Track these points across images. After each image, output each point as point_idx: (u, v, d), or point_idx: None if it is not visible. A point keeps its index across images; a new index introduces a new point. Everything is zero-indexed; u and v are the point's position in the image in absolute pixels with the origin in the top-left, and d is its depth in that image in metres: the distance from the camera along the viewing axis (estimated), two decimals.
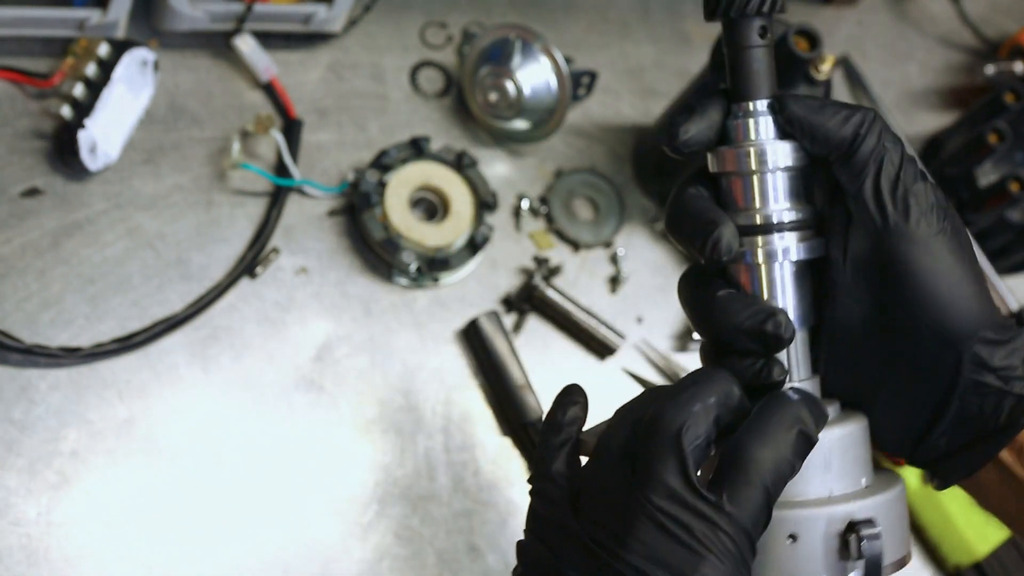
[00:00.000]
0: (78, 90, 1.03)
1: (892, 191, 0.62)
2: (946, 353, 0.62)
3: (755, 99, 0.64)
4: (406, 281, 1.10)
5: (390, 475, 1.03)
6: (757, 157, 0.63)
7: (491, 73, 1.16)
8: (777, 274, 0.64)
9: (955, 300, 0.62)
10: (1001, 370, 0.62)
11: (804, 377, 0.65)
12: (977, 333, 0.62)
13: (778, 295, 0.64)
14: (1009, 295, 1.26)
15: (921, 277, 0.62)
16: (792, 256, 0.63)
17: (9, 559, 0.91)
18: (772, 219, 0.63)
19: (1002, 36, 1.47)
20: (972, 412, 0.63)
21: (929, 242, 0.62)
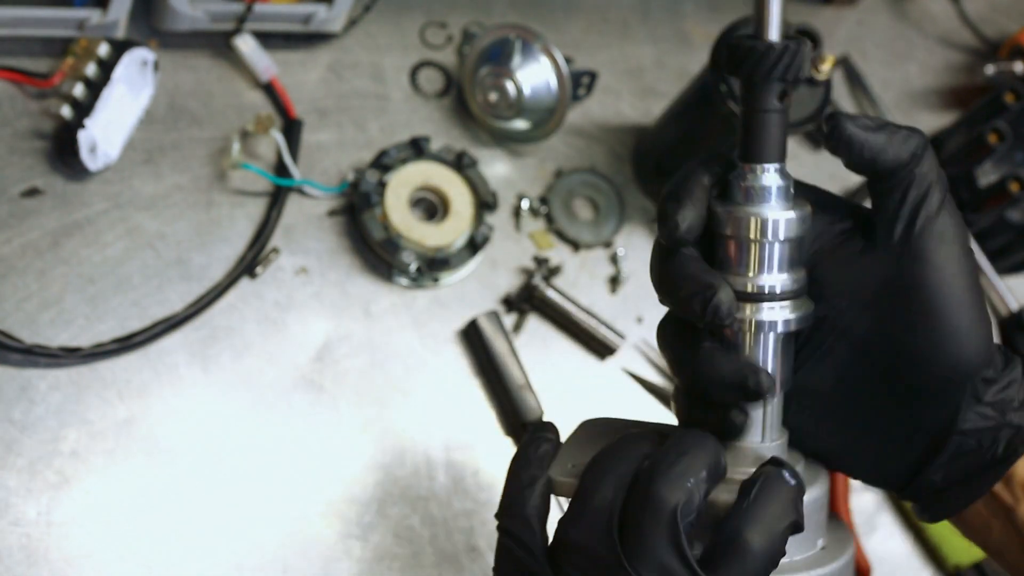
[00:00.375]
0: (78, 90, 1.03)
1: (934, 218, 0.62)
2: (951, 387, 0.62)
3: (766, 162, 0.63)
4: (406, 281, 1.10)
5: (390, 475, 1.03)
6: (760, 227, 0.63)
7: (491, 73, 1.16)
8: (763, 341, 0.64)
9: (970, 335, 0.62)
10: (998, 403, 0.63)
11: (775, 438, 0.65)
12: (982, 368, 0.62)
13: (760, 360, 0.64)
14: (1009, 295, 1.26)
15: (944, 308, 0.61)
16: (780, 328, 0.63)
17: (9, 559, 0.91)
18: (765, 289, 0.63)
19: (1002, 36, 1.47)
20: (969, 447, 0.63)
21: (956, 274, 0.61)
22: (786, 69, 0.62)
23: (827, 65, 1.04)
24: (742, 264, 0.63)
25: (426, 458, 1.05)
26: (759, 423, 0.64)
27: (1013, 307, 1.26)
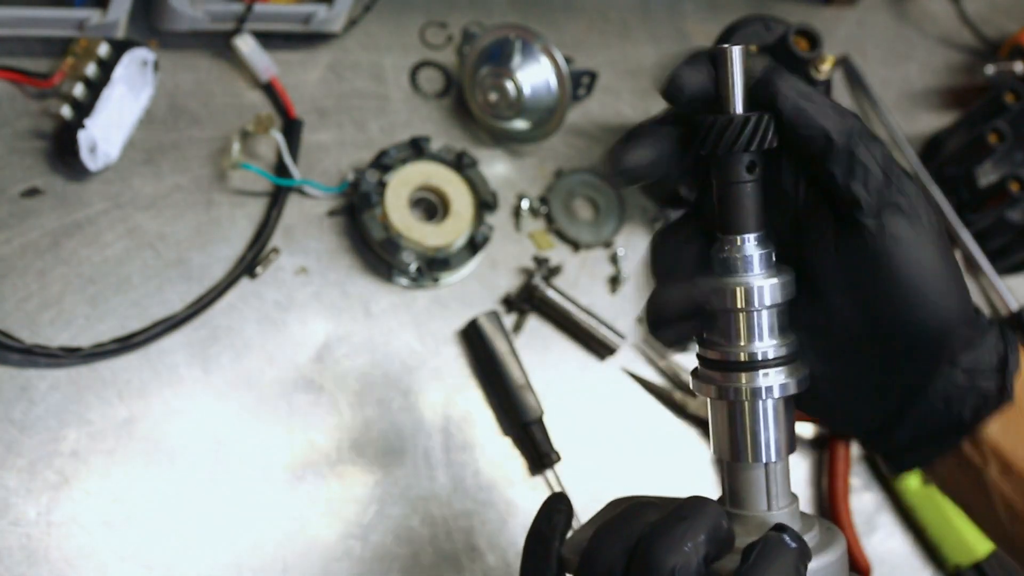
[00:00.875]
0: (78, 90, 1.03)
1: (886, 187, 0.62)
2: (925, 349, 0.63)
3: (743, 233, 0.63)
4: (406, 281, 1.10)
5: (390, 475, 1.03)
6: (744, 296, 0.63)
7: (491, 73, 1.16)
8: (759, 410, 0.64)
9: (941, 297, 0.62)
10: (970, 368, 0.63)
11: (784, 505, 0.65)
12: (957, 331, 0.63)
13: (760, 430, 0.64)
14: (1009, 295, 1.26)
15: (911, 274, 0.62)
16: (776, 394, 0.63)
17: (9, 559, 0.91)
18: (758, 356, 0.63)
19: (1002, 36, 1.47)
20: (938, 407, 0.64)
21: (921, 239, 0.62)
22: (750, 141, 0.62)
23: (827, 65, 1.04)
24: (732, 335, 0.64)
25: (426, 458, 1.05)
26: (763, 491, 0.65)
27: (1013, 307, 1.26)
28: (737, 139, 0.62)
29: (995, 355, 0.64)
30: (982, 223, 1.29)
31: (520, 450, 1.08)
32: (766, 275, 0.63)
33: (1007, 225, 1.27)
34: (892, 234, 0.62)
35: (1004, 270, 1.30)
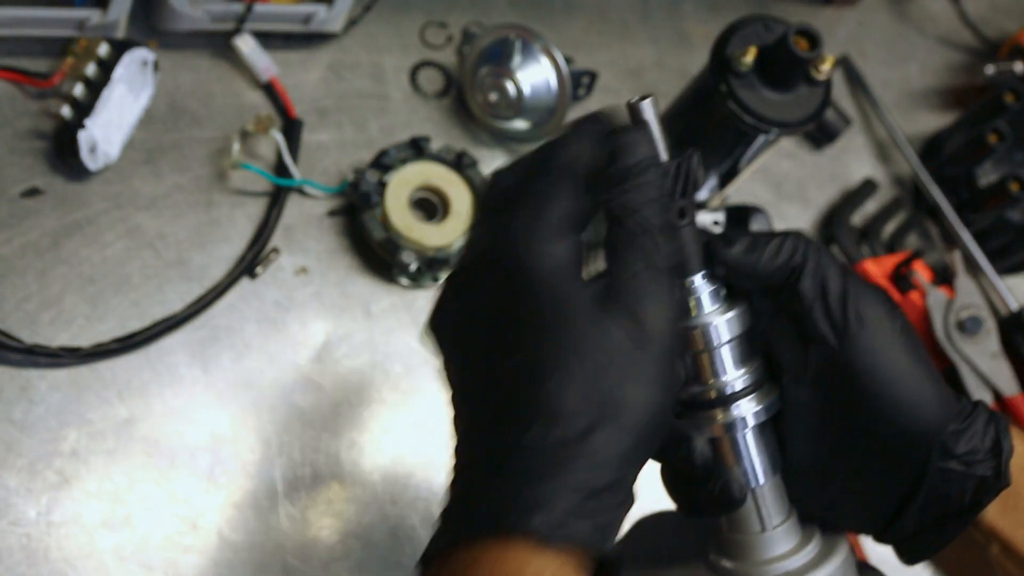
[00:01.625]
0: (78, 90, 1.03)
1: (842, 309, 0.63)
2: (913, 451, 0.64)
3: (690, 275, 0.65)
4: (406, 281, 1.10)
5: (390, 475, 1.03)
6: (702, 336, 0.64)
7: (491, 73, 1.16)
8: (738, 441, 0.65)
9: (919, 402, 0.63)
10: (964, 455, 0.64)
11: (778, 522, 0.66)
12: (942, 426, 0.64)
13: (742, 459, 0.65)
14: (1009, 295, 1.26)
15: (883, 386, 0.63)
16: (751, 423, 0.65)
17: (9, 559, 0.91)
18: (726, 391, 0.65)
19: (1002, 36, 1.47)
20: (938, 496, 0.65)
21: (886, 350, 0.63)
22: (676, 188, 0.63)
23: (827, 65, 1.04)
24: (698, 375, 0.65)
25: (426, 458, 1.05)
26: (755, 514, 0.66)
27: (1013, 307, 1.26)
28: (670, 189, 0.63)
29: (988, 440, 0.65)
30: (982, 223, 1.29)
31: None
32: (720, 311, 0.65)
33: (1007, 225, 1.27)
34: (857, 351, 0.63)
35: (1004, 270, 1.30)
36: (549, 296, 0.58)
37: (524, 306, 0.58)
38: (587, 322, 0.58)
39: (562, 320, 0.58)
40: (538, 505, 0.55)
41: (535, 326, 0.58)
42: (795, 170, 1.32)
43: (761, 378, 0.66)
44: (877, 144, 1.37)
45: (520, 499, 0.55)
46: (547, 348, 0.57)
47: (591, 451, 0.56)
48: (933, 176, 1.33)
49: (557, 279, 0.58)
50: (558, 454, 0.56)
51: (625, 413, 0.57)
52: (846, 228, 1.28)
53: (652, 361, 0.58)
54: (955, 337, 1.22)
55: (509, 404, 0.58)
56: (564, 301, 0.58)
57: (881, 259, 1.26)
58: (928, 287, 1.24)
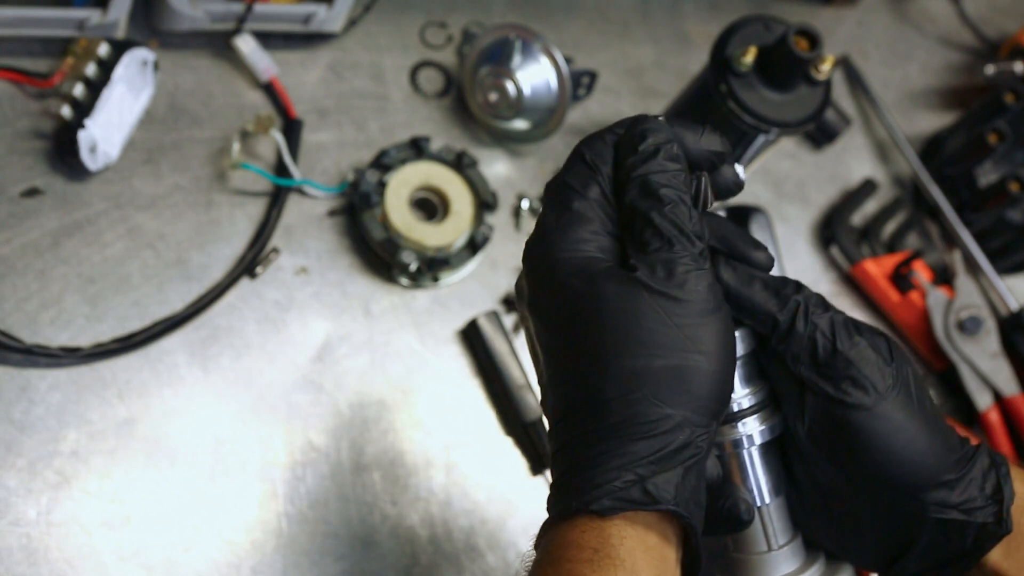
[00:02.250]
0: (78, 90, 1.03)
1: (831, 363, 0.64)
2: (909, 502, 0.64)
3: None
4: (406, 281, 1.10)
5: (390, 475, 1.03)
6: None
7: (491, 73, 1.16)
8: (745, 459, 0.66)
9: (911, 456, 0.64)
10: (962, 504, 0.64)
11: (784, 542, 0.67)
12: (936, 479, 0.64)
13: (749, 477, 0.66)
14: (1009, 295, 1.26)
15: (874, 441, 0.63)
16: (756, 441, 0.66)
17: (9, 559, 0.91)
18: (733, 408, 0.65)
19: (1002, 36, 1.47)
20: (939, 542, 0.65)
21: (878, 405, 0.63)
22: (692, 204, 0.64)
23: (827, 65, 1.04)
24: None
25: (426, 458, 1.05)
26: (760, 533, 0.67)
27: (1013, 307, 1.26)
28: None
29: (988, 486, 0.65)
30: (982, 223, 1.29)
31: (520, 450, 1.08)
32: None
33: (1007, 225, 1.27)
34: (850, 404, 0.64)
35: (1004, 270, 1.30)
36: (588, 292, 0.61)
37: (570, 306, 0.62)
38: (611, 308, 0.61)
39: (606, 309, 0.61)
40: (593, 487, 0.59)
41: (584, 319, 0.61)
42: (795, 170, 1.32)
43: (767, 398, 0.67)
44: (877, 144, 1.37)
45: (588, 480, 0.60)
46: (594, 337, 0.61)
47: (634, 430, 0.59)
48: (933, 176, 1.33)
49: (588, 276, 0.61)
50: (604, 439, 0.60)
51: (661, 386, 0.60)
52: (846, 228, 1.28)
53: (680, 329, 0.60)
54: (955, 337, 1.22)
55: (563, 402, 0.62)
56: (603, 292, 0.61)
57: (881, 259, 1.26)
58: (928, 287, 1.24)
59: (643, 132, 0.64)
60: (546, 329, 0.63)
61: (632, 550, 0.59)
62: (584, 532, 0.59)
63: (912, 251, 1.27)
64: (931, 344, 1.23)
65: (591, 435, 0.60)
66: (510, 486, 1.06)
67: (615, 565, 0.58)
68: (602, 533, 0.59)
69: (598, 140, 0.65)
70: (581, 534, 0.59)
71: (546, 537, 0.61)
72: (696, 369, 0.60)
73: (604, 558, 0.58)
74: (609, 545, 0.59)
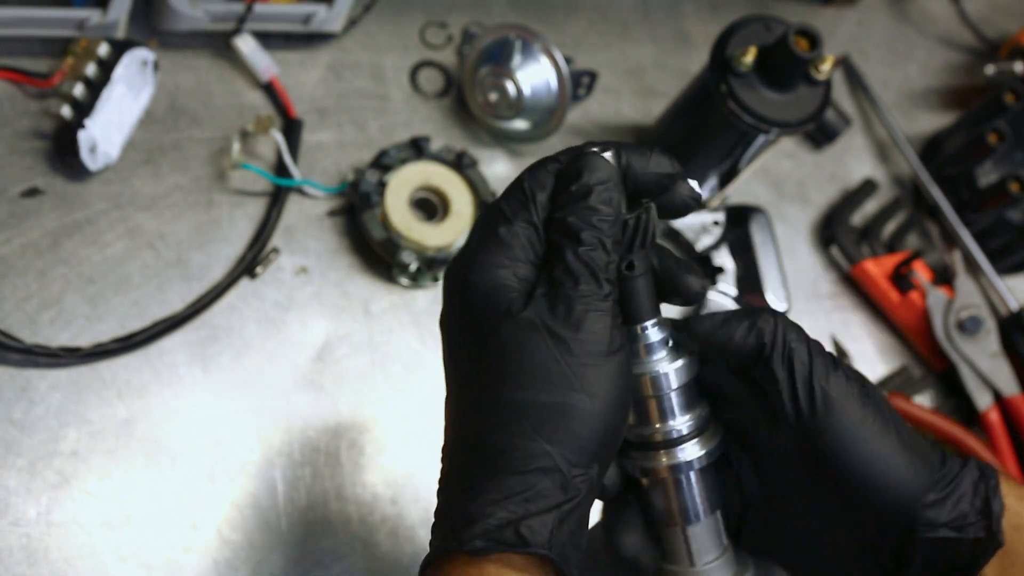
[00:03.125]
0: (78, 90, 1.03)
1: (808, 392, 0.65)
2: (895, 524, 0.65)
3: (643, 322, 0.67)
4: (406, 281, 1.10)
5: (389, 475, 1.03)
6: (652, 384, 0.67)
7: (491, 73, 1.16)
8: (683, 482, 0.68)
9: (890, 481, 0.64)
10: (952, 521, 0.64)
11: (710, 559, 0.69)
12: (921, 498, 0.64)
13: (686, 499, 0.68)
14: (1009, 295, 1.26)
15: (853, 467, 0.64)
16: (696, 466, 0.68)
17: (9, 559, 0.91)
18: (672, 435, 0.67)
19: (1002, 36, 1.47)
20: (938, 560, 0.65)
21: (854, 431, 0.64)
22: (633, 240, 0.65)
23: (827, 65, 1.04)
24: (646, 418, 0.68)
25: (426, 458, 1.05)
26: (684, 551, 0.69)
27: (1013, 307, 1.26)
28: (631, 241, 0.66)
29: (978, 501, 0.65)
30: (982, 223, 1.29)
31: None
32: (670, 359, 0.67)
33: (1007, 225, 1.27)
34: (824, 434, 0.64)
35: (1004, 270, 1.30)
36: (489, 318, 0.62)
37: (471, 329, 0.63)
38: (504, 336, 0.61)
39: (499, 338, 0.61)
40: (468, 522, 0.59)
41: (466, 350, 0.63)
42: (795, 170, 1.32)
43: (705, 423, 0.68)
44: (877, 144, 1.37)
45: (456, 520, 0.60)
46: (485, 364, 0.61)
47: (508, 463, 0.60)
48: (933, 176, 1.33)
49: (492, 303, 0.62)
50: (482, 470, 0.60)
51: (542, 422, 0.60)
52: (846, 228, 1.28)
53: (573, 368, 0.61)
54: (955, 337, 1.22)
55: (451, 426, 0.63)
56: (500, 321, 0.61)
57: (881, 259, 1.26)
58: (928, 287, 1.24)
59: (578, 170, 0.63)
60: (447, 348, 0.65)
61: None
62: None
63: (912, 251, 1.27)
64: (931, 344, 1.23)
65: (471, 465, 0.61)
66: None
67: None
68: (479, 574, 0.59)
69: (540, 168, 0.65)
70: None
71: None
72: (580, 409, 0.60)
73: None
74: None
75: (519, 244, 0.63)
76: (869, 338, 1.26)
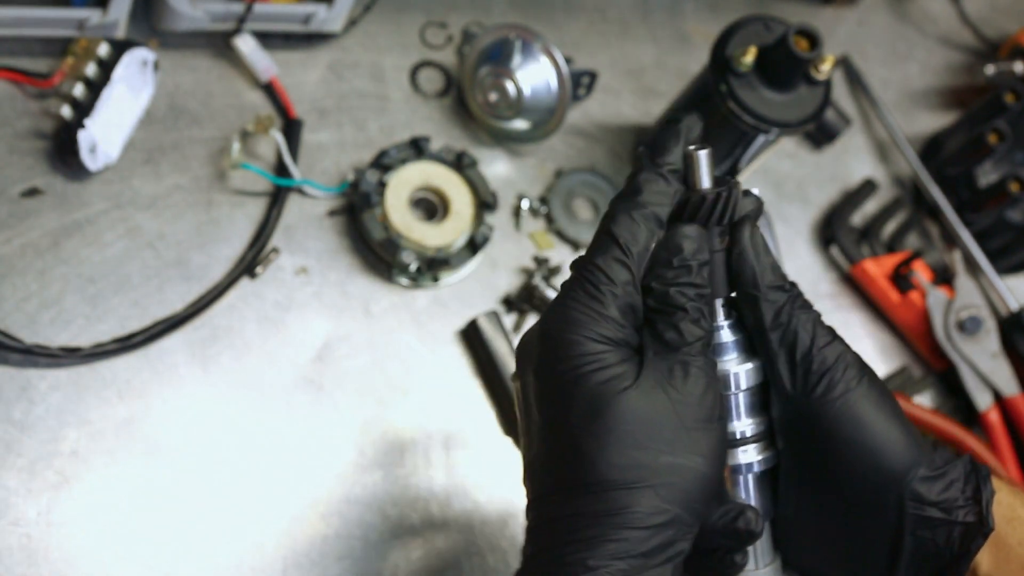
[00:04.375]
0: (78, 90, 1.03)
1: (806, 362, 0.67)
2: (885, 495, 0.66)
3: (716, 297, 0.69)
4: (406, 281, 1.10)
5: (390, 475, 1.03)
6: (721, 381, 0.68)
7: (491, 73, 1.16)
8: (741, 484, 0.69)
9: (884, 447, 0.65)
10: (942, 503, 0.65)
11: (767, 562, 0.70)
12: (911, 472, 0.65)
13: (742, 500, 0.69)
14: (1009, 295, 1.26)
15: (845, 433, 0.66)
16: (756, 468, 0.69)
17: (9, 559, 0.91)
18: (737, 434, 0.68)
19: (1002, 36, 1.47)
20: (928, 546, 0.66)
21: (848, 398, 0.66)
22: (721, 214, 0.68)
23: (827, 65, 1.04)
24: None
25: (426, 458, 1.05)
26: (751, 552, 0.69)
27: (1013, 307, 1.26)
28: (711, 214, 0.68)
29: (969, 488, 0.66)
30: (982, 223, 1.29)
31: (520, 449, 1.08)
32: (740, 360, 0.69)
33: (1007, 225, 1.27)
34: (820, 400, 0.66)
35: (1004, 270, 1.30)
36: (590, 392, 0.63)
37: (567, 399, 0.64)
38: (626, 402, 0.63)
39: (602, 405, 0.63)
40: (595, 568, 0.60)
41: (580, 413, 0.63)
42: (795, 170, 1.32)
43: (767, 430, 0.69)
44: (877, 144, 1.37)
45: (568, 568, 0.61)
46: (589, 430, 0.63)
47: (630, 519, 0.61)
48: (933, 176, 1.33)
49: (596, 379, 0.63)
50: (601, 523, 0.61)
51: (661, 480, 0.62)
52: (846, 228, 1.28)
53: (688, 431, 0.63)
54: (955, 337, 1.22)
55: (562, 478, 0.64)
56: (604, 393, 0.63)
57: (881, 259, 1.26)
58: (928, 287, 1.24)
59: (678, 245, 0.66)
60: (552, 402, 0.65)
61: None
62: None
63: (912, 251, 1.27)
64: (931, 344, 1.23)
65: (585, 518, 0.62)
66: (510, 486, 1.06)
67: None
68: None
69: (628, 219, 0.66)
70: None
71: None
72: (695, 470, 0.62)
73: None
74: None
75: (620, 306, 0.65)
76: (869, 338, 1.26)
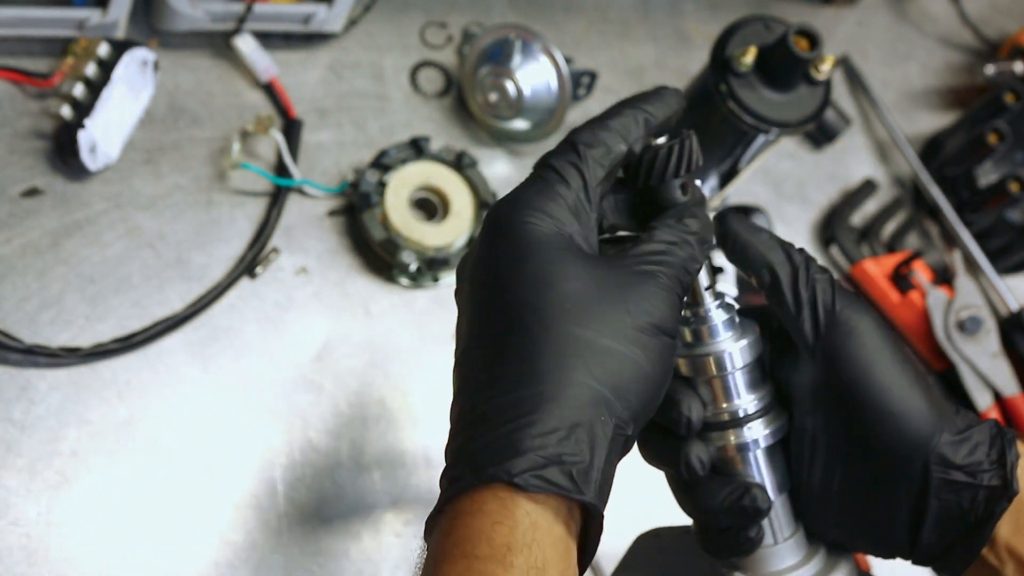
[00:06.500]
0: (78, 90, 1.03)
1: (829, 319, 0.66)
2: (911, 458, 0.65)
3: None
4: (406, 281, 1.10)
5: (390, 475, 1.03)
6: (717, 363, 0.67)
7: (491, 73, 1.16)
8: (751, 461, 0.68)
9: (907, 408, 0.65)
10: (967, 466, 0.65)
11: (787, 535, 0.69)
12: (936, 434, 0.65)
13: (755, 478, 0.68)
14: (1009, 295, 1.26)
15: (871, 396, 0.65)
16: (762, 444, 0.68)
17: (9, 559, 0.91)
18: (739, 414, 0.68)
19: (1002, 36, 1.47)
20: (953, 509, 0.65)
21: (873, 360, 0.65)
22: (678, 165, 0.66)
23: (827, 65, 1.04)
24: (712, 398, 0.68)
25: (426, 458, 1.05)
26: (767, 527, 0.69)
27: (1013, 307, 1.26)
28: (665, 169, 0.66)
29: (994, 452, 0.65)
30: (982, 223, 1.29)
31: None
32: (734, 338, 0.68)
33: (1007, 225, 1.27)
34: (846, 362, 0.65)
35: (1004, 270, 1.30)
36: (538, 265, 0.60)
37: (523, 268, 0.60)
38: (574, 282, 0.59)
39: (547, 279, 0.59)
40: (515, 453, 0.55)
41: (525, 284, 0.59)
42: (795, 170, 1.32)
43: (771, 403, 0.68)
44: (877, 144, 1.37)
45: (500, 449, 0.56)
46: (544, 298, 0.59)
47: (563, 397, 0.57)
48: (933, 176, 1.33)
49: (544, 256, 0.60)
50: (534, 402, 0.56)
51: (596, 360, 0.58)
52: (846, 228, 1.28)
53: (637, 331, 0.60)
54: (955, 337, 1.22)
55: (492, 356, 0.59)
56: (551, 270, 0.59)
57: (881, 259, 1.26)
58: (928, 287, 1.24)
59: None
60: (488, 286, 0.60)
61: (542, 545, 0.55)
62: (495, 524, 0.55)
63: (912, 251, 1.27)
64: (931, 344, 1.23)
65: (516, 398, 0.57)
66: None
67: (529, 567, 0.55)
68: (513, 525, 0.55)
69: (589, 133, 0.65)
70: (492, 526, 0.55)
71: (445, 522, 0.57)
72: (636, 364, 0.58)
73: (516, 555, 0.55)
74: (522, 542, 0.55)
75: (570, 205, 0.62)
76: None
